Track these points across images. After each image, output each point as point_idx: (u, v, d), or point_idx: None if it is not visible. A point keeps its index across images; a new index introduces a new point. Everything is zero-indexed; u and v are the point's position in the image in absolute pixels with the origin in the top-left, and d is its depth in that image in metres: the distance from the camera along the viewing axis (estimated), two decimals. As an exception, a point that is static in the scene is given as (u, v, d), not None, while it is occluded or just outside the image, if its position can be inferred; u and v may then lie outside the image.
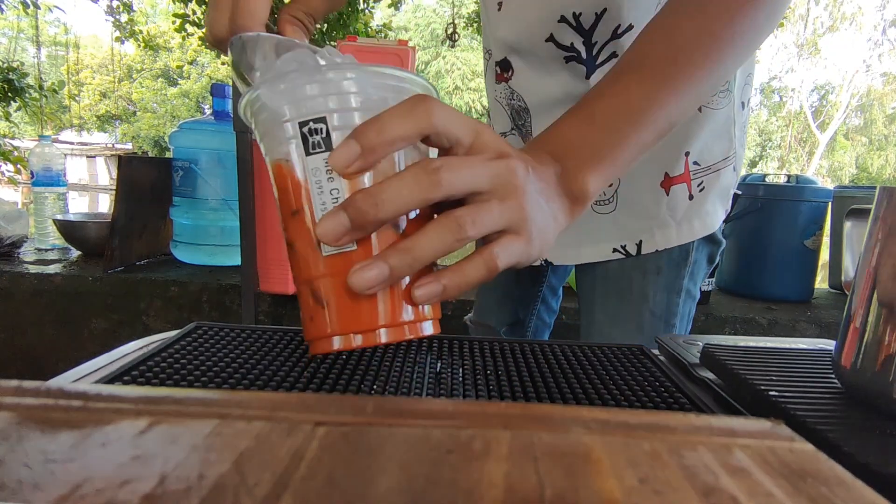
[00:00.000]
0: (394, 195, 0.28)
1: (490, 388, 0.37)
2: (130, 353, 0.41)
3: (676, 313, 0.65)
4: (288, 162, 0.31)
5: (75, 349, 1.43)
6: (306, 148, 0.30)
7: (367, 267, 0.29)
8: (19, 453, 0.18)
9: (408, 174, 0.29)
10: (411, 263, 0.29)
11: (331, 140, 0.29)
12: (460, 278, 0.31)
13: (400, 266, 0.29)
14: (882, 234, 0.34)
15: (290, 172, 0.31)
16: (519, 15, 0.61)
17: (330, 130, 0.29)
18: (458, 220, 0.30)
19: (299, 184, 0.30)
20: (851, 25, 18.83)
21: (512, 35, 0.63)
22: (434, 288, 0.31)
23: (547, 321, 0.84)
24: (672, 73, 0.40)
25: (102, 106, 19.91)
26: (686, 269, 0.64)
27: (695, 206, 0.63)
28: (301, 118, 0.29)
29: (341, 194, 0.30)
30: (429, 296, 0.31)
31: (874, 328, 0.33)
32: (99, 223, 1.56)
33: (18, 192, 7.42)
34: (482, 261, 0.31)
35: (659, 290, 0.64)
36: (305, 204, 0.30)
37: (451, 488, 0.17)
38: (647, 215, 0.63)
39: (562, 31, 0.59)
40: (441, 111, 0.30)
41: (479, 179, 0.31)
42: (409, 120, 0.29)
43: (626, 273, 0.65)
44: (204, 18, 0.40)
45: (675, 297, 0.65)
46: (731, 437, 0.22)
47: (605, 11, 0.56)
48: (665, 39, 0.42)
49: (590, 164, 0.38)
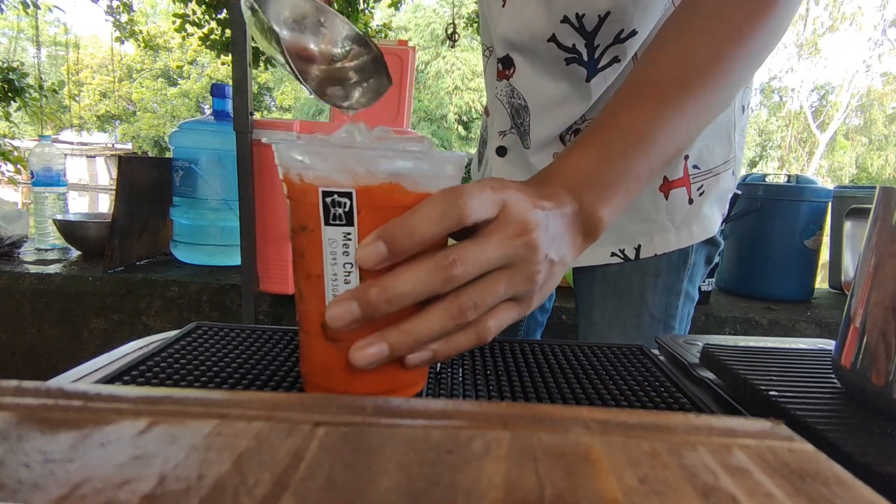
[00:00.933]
0: (407, 289, 0.29)
1: (490, 388, 0.37)
2: (130, 353, 0.41)
3: (675, 315, 0.65)
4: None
5: (75, 349, 1.43)
6: (326, 218, 0.29)
7: (368, 345, 0.29)
8: (19, 453, 0.18)
9: (422, 269, 0.29)
10: (411, 345, 0.30)
11: (353, 216, 0.29)
12: (452, 347, 0.32)
13: (399, 346, 0.30)
14: (882, 234, 0.34)
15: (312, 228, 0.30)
16: (522, 12, 0.61)
17: (353, 206, 0.29)
18: (461, 306, 0.30)
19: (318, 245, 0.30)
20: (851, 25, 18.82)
21: (514, 33, 0.62)
22: (425, 355, 0.31)
23: (540, 320, 0.84)
24: (685, 99, 0.40)
25: (102, 106, 19.91)
26: (685, 272, 0.64)
27: (694, 210, 0.63)
28: (326, 187, 0.29)
29: (354, 269, 0.30)
30: (420, 361, 0.31)
31: (874, 328, 0.33)
32: (99, 223, 1.55)
33: (18, 192, 7.42)
34: (474, 333, 0.32)
35: (658, 293, 0.64)
36: (317, 268, 0.30)
37: (450, 488, 0.17)
38: (646, 219, 0.63)
39: (564, 32, 0.58)
40: (471, 205, 0.29)
41: (493, 263, 0.31)
42: (442, 223, 0.29)
43: (624, 275, 0.65)
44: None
45: (674, 300, 0.64)
46: (731, 437, 0.22)
47: (609, 14, 0.56)
48: (676, 62, 0.41)
49: (606, 198, 0.38)
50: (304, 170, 0.29)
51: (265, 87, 18.98)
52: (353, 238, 0.29)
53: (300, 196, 0.30)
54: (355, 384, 0.32)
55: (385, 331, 0.30)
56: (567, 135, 0.64)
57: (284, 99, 19.51)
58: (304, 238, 0.31)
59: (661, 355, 0.48)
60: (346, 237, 0.29)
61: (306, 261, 0.31)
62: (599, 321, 0.67)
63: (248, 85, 1.19)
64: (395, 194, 0.29)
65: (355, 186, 0.29)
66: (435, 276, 0.29)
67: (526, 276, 0.32)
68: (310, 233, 0.30)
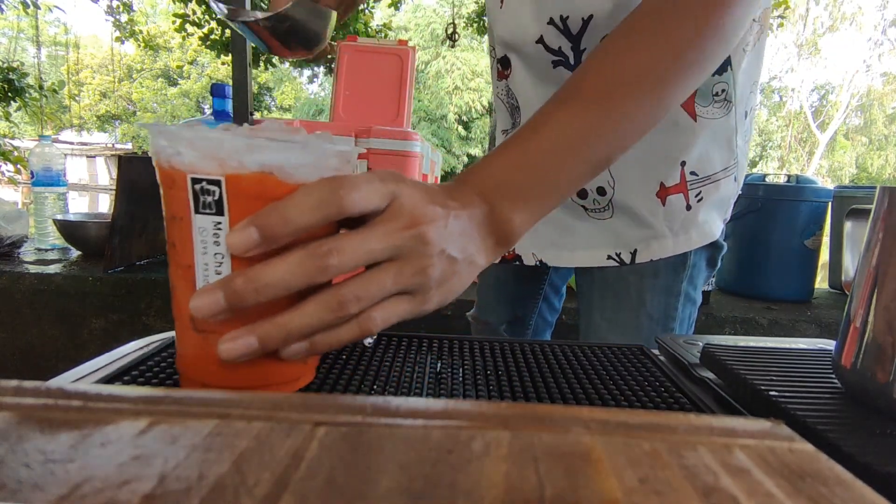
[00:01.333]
0: (276, 280, 0.28)
1: (490, 388, 0.37)
2: (130, 353, 0.41)
3: (675, 317, 0.64)
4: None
5: (75, 349, 1.43)
6: (196, 206, 0.28)
7: (236, 338, 0.28)
8: (19, 453, 0.18)
9: (293, 259, 0.28)
10: (285, 338, 0.29)
11: (223, 205, 0.28)
12: (331, 339, 0.31)
13: (271, 340, 0.29)
14: (882, 234, 0.34)
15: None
16: (517, 13, 0.61)
17: (223, 194, 0.28)
18: (341, 299, 0.29)
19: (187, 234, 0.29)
20: (851, 25, 18.83)
21: (509, 34, 0.63)
22: (301, 346, 0.30)
23: (549, 320, 0.84)
24: (611, 108, 0.40)
25: (102, 106, 19.92)
26: (684, 273, 0.64)
27: (692, 216, 0.62)
28: (194, 174, 0.28)
29: (225, 259, 0.29)
30: (296, 353, 0.30)
31: (874, 328, 0.33)
32: (99, 223, 1.55)
33: (18, 192, 7.41)
34: (357, 325, 0.31)
35: (656, 294, 0.64)
36: (187, 258, 0.30)
37: (450, 488, 0.17)
38: (644, 225, 0.63)
39: (551, 34, 0.59)
40: (353, 194, 0.29)
41: (377, 254, 0.30)
42: (320, 211, 0.28)
43: (623, 277, 0.65)
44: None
45: (674, 301, 0.64)
46: (731, 437, 0.22)
47: (592, 18, 0.56)
48: (610, 70, 0.41)
49: (519, 204, 0.37)
50: (174, 156, 0.29)
51: (265, 87, 18.98)
52: (223, 227, 0.29)
53: (170, 182, 0.29)
54: (229, 378, 0.31)
55: (256, 324, 0.29)
56: None
57: (284, 99, 19.52)
58: (175, 227, 0.30)
59: (661, 355, 0.48)
60: (216, 226, 0.29)
61: (178, 251, 0.30)
62: (599, 322, 0.67)
63: (248, 85, 1.19)
64: (267, 184, 0.29)
65: (224, 174, 0.28)
66: (307, 266, 0.28)
67: (416, 268, 0.31)
68: (180, 221, 0.29)
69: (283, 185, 0.29)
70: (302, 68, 17.16)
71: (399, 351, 0.43)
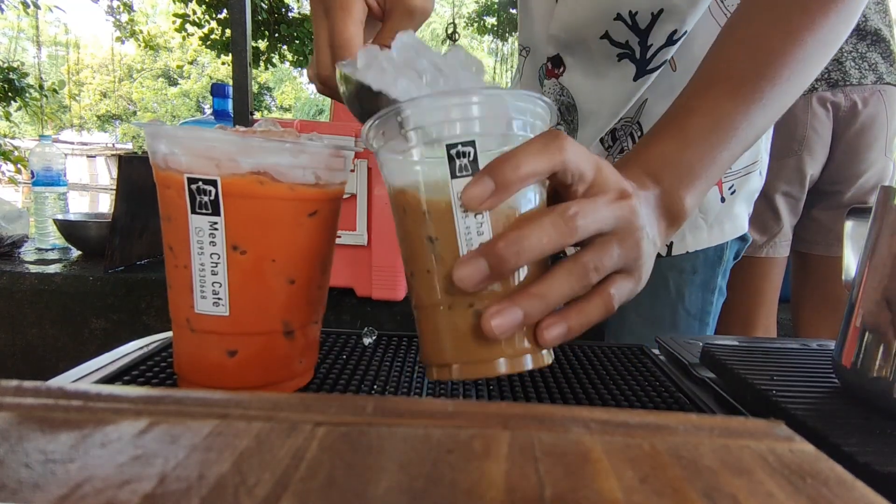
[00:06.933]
0: (535, 243, 0.28)
1: (490, 388, 0.37)
2: (130, 353, 0.41)
3: (711, 312, 0.65)
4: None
5: (75, 349, 1.43)
6: (192, 206, 0.29)
7: (503, 313, 0.28)
8: (19, 453, 0.18)
9: (546, 221, 0.28)
10: (543, 309, 0.29)
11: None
12: (584, 319, 0.31)
13: (533, 312, 0.29)
14: (882, 234, 0.34)
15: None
16: (574, 10, 0.61)
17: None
18: (585, 267, 0.29)
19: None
20: (852, 25, 18.79)
21: (565, 31, 0.62)
22: (561, 329, 0.30)
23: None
24: (762, 87, 0.40)
25: (102, 106, 19.92)
26: (720, 268, 0.64)
27: (726, 208, 0.63)
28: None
29: (221, 260, 0.29)
30: (556, 338, 0.30)
31: (874, 328, 0.33)
32: (99, 223, 1.55)
33: (19, 192, 7.41)
34: (602, 302, 0.31)
35: (695, 289, 0.64)
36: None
37: (451, 488, 0.17)
38: None
39: (617, 29, 0.59)
40: (572, 148, 0.29)
41: (606, 223, 0.30)
42: (544, 157, 0.28)
43: (661, 272, 0.64)
44: (312, 63, 0.38)
45: (710, 296, 0.65)
46: (731, 437, 0.22)
47: (662, 12, 0.56)
48: (750, 50, 0.41)
49: (686, 183, 0.37)
50: (170, 157, 0.29)
51: (265, 87, 18.97)
52: (219, 228, 0.29)
53: (167, 183, 0.30)
54: (227, 379, 0.31)
55: (516, 297, 0.28)
56: (606, 137, 0.65)
57: (284, 99, 19.52)
58: (172, 227, 0.30)
59: (661, 355, 0.48)
60: (212, 226, 0.29)
61: (174, 251, 0.31)
62: (633, 319, 0.66)
63: (248, 85, 1.19)
64: (262, 184, 0.29)
65: (219, 175, 0.28)
66: (560, 226, 0.28)
67: (633, 242, 0.31)
68: (176, 221, 0.30)
69: (278, 184, 0.29)
70: (302, 68, 17.14)
71: (399, 351, 0.43)
